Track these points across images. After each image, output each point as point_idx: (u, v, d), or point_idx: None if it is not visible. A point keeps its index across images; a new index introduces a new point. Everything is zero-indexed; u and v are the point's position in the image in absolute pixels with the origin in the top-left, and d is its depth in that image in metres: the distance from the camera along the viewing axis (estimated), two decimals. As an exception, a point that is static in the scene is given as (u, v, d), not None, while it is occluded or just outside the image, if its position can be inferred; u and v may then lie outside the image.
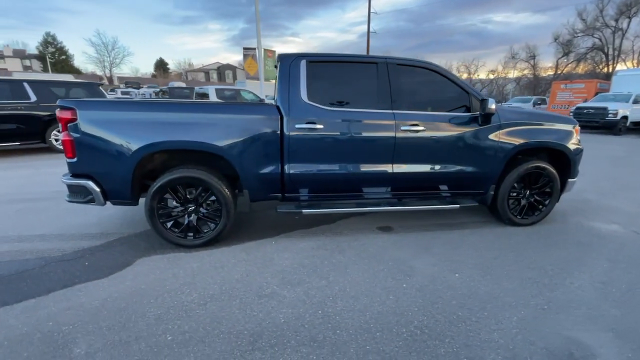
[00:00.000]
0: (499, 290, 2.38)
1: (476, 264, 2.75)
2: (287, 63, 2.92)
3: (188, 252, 2.88)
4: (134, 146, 2.64)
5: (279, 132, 2.84)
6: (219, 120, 2.75)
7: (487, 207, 3.64)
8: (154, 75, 61.45)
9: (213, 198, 2.86)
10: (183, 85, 31.65)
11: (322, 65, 3.01)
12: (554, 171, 3.43)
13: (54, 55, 54.94)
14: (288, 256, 2.84)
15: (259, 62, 14.51)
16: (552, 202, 3.57)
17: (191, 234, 2.91)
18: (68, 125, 2.61)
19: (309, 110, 2.87)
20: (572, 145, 3.48)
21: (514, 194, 3.51)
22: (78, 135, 2.61)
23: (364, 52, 31.50)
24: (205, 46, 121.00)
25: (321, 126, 2.88)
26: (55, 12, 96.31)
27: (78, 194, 2.78)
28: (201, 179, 2.76)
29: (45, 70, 50.85)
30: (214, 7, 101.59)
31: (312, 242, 3.11)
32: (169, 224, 2.87)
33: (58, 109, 2.63)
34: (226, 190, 2.83)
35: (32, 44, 57.44)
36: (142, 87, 32.88)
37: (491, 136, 3.22)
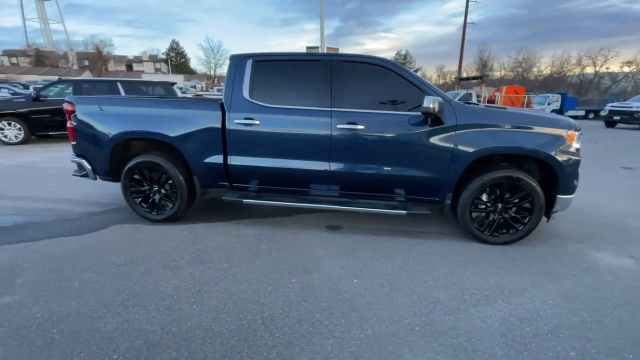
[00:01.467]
0: (383, 302, 2.22)
1: (388, 274, 2.57)
2: (235, 63, 3.18)
3: (151, 224, 3.43)
4: (110, 133, 3.28)
5: (220, 126, 3.13)
6: (171, 114, 3.20)
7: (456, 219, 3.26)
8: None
9: (171, 182, 3.33)
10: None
11: (268, 64, 3.16)
12: (534, 184, 2.88)
13: (175, 59, 66.15)
14: (220, 239, 3.13)
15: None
16: (532, 221, 3.00)
17: (154, 211, 3.45)
18: (71, 115, 3.39)
19: (248, 107, 3.08)
20: (560, 153, 2.85)
21: (482, 207, 3.07)
22: (75, 124, 3.38)
23: (460, 45, 29.20)
24: (301, 45, 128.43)
25: (258, 122, 3.06)
26: (182, 22, 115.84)
27: (78, 170, 3.60)
28: (159, 164, 3.26)
29: (172, 72, 61.72)
30: (311, 8, 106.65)
31: (253, 231, 3.33)
32: (138, 200, 3.46)
33: (64, 103, 3.44)
34: (180, 176, 3.27)
35: (164, 49, 69.65)
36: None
37: (443, 138, 2.89)
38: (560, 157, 2.85)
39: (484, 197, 3.04)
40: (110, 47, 60.86)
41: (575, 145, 2.91)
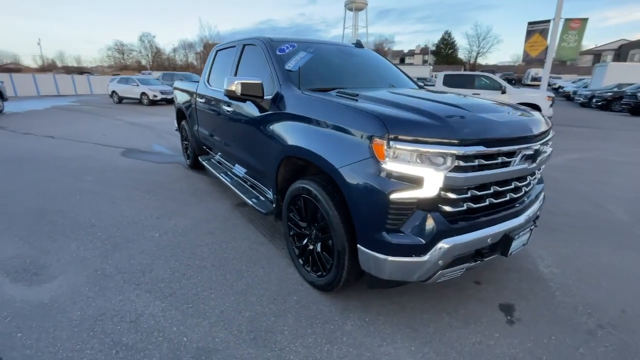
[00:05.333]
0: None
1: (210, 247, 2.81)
2: (211, 53, 4.02)
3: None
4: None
5: (193, 105, 4.18)
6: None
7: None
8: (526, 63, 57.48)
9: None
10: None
11: (222, 52, 3.77)
12: (330, 211, 1.91)
13: (444, 50, 66.89)
14: (198, 209, 4.33)
15: (550, 38, 11.04)
16: (335, 270, 1.98)
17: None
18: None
19: (206, 90, 3.90)
20: (352, 173, 1.68)
21: (296, 226, 2.34)
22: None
23: None
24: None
25: (202, 100, 3.85)
26: (473, 11, 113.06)
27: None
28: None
29: (438, 63, 63.80)
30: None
31: (225, 202, 4.25)
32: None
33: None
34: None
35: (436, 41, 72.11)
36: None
37: (266, 126, 2.46)
38: (352, 180, 1.69)
39: (297, 215, 2.30)
40: (391, 43, 70.80)
41: (392, 164, 1.57)
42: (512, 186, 1.85)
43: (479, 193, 1.70)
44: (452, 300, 2.18)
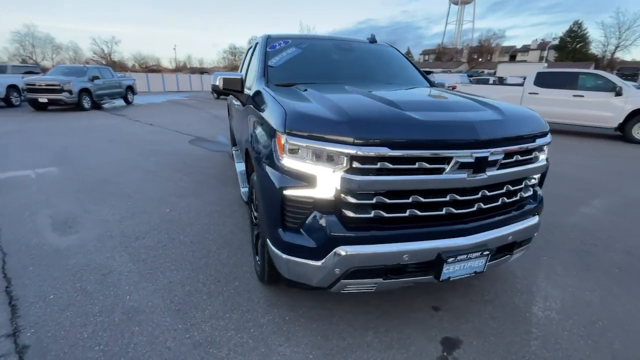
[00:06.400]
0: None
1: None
2: (246, 53, 4.34)
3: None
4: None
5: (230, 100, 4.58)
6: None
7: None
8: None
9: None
10: None
11: (250, 52, 4.04)
12: (254, 197, 1.94)
13: (571, 44, 55.96)
14: (213, 193, 4.81)
15: None
16: (261, 259, 2.00)
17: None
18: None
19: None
20: (259, 162, 1.65)
21: (255, 217, 2.41)
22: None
23: None
24: None
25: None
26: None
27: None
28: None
29: (560, 60, 54.05)
30: None
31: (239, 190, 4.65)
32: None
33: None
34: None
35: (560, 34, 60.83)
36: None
37: (244, 120, 2.61)
38: (259, 173, 1.66)
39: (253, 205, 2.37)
40: (501, 38, 62.84)
41: (288, 160, 1.50)
42: (447, 198, 1.56)
43: (389, 201, 1.50)
44: (392, 319, 1.96)
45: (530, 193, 1.88)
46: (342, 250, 1.49)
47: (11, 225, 3.04)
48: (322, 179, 1.47)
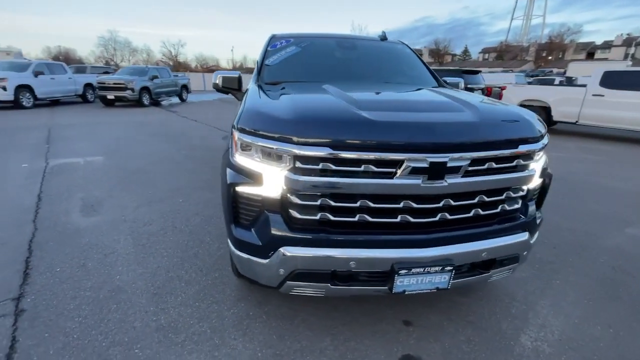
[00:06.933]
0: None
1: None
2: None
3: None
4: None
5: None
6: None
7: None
8: None
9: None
10: None
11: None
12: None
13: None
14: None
15: None
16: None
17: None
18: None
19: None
20: (223, 158, 1.67)
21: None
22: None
23: None
24: None
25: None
26: None
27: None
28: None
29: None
30: None
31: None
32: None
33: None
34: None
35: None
36: None
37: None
38: (221, 168, 1.69)
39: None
40: (576, 34, 56.26)
41: (239, 156, 1.50)
42: (401, 205, 1.44)
43: (334, 204, 1.43)
44: (357, 328, 1.87)
45: (516, 206, 1.66)
46: (286, 251, 1.47)
47: (50, 204, 3.49)
48: (269, 178, 1.46)
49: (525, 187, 1.66)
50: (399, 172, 1.39)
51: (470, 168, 1.44)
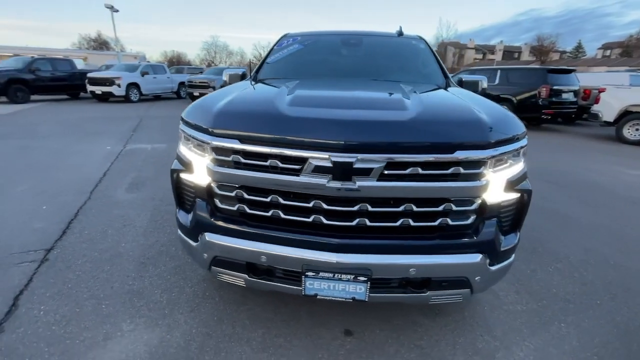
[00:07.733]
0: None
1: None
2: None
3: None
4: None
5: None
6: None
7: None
8: None
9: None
10: None
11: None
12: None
13: None
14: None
15: None
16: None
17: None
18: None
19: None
20: None
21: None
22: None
23: None
24: None
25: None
26: None
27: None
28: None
29: None
30: None
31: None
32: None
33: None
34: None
35: None
36: None
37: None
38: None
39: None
40: None
41: (180, 145, 1.62)
42: (310, 205, 1.38)
43: (247, 196, 1.45)
44: (295, 327, 1.85)
45: (465, 222, 1.43)
46: (208, 237, 1.55)
47: (109, 180, 4.22)
48: (197, 167, 1.56)
49: (476, 201, 1.42)
50: (303, 169, 1.34)
51: (387, 172, 1.31)
